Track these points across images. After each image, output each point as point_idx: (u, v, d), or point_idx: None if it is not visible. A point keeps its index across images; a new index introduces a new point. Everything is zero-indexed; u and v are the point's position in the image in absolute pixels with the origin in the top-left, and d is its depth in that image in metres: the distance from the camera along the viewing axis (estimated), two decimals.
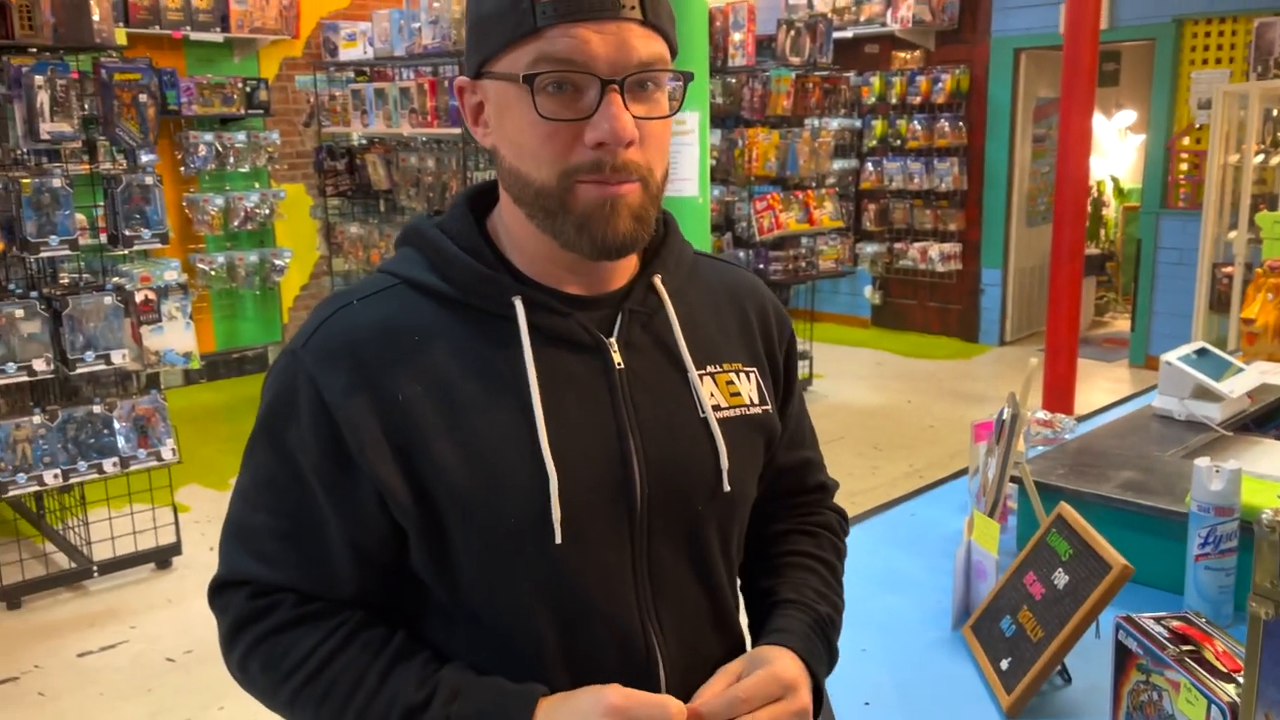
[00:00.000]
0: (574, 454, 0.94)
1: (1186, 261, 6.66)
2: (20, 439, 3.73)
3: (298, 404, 0.94)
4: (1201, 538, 1.48)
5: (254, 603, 0.96)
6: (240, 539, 0.98)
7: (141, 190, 3.90)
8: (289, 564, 0.96)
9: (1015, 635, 1.39)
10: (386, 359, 0.93)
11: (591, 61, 0.88)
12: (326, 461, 0.93)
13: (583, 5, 0.87)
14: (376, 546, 0.95)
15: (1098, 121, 8.30)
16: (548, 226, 0.94)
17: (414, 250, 1.01)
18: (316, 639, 0.94)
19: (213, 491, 5.06)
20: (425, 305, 0.97)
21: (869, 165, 8.26)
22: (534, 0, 0.88)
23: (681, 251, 1.08)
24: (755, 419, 1.07)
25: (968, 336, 8.18)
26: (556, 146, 0.90)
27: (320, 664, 0.92)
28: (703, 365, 1.03)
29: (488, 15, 0.92)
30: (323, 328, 0.96)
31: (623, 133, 0.89)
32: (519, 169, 0.93)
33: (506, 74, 0.91)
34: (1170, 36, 6.74)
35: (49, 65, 3.64)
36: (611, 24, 0.88)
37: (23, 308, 3.67)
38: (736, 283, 1.13)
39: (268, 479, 0.97)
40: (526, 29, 0.89)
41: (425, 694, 0.91)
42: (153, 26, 6.33)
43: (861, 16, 8.08)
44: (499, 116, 0.95)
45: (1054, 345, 5.35)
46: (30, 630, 3.73)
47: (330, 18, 7.21)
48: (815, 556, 1.17)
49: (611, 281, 1.02)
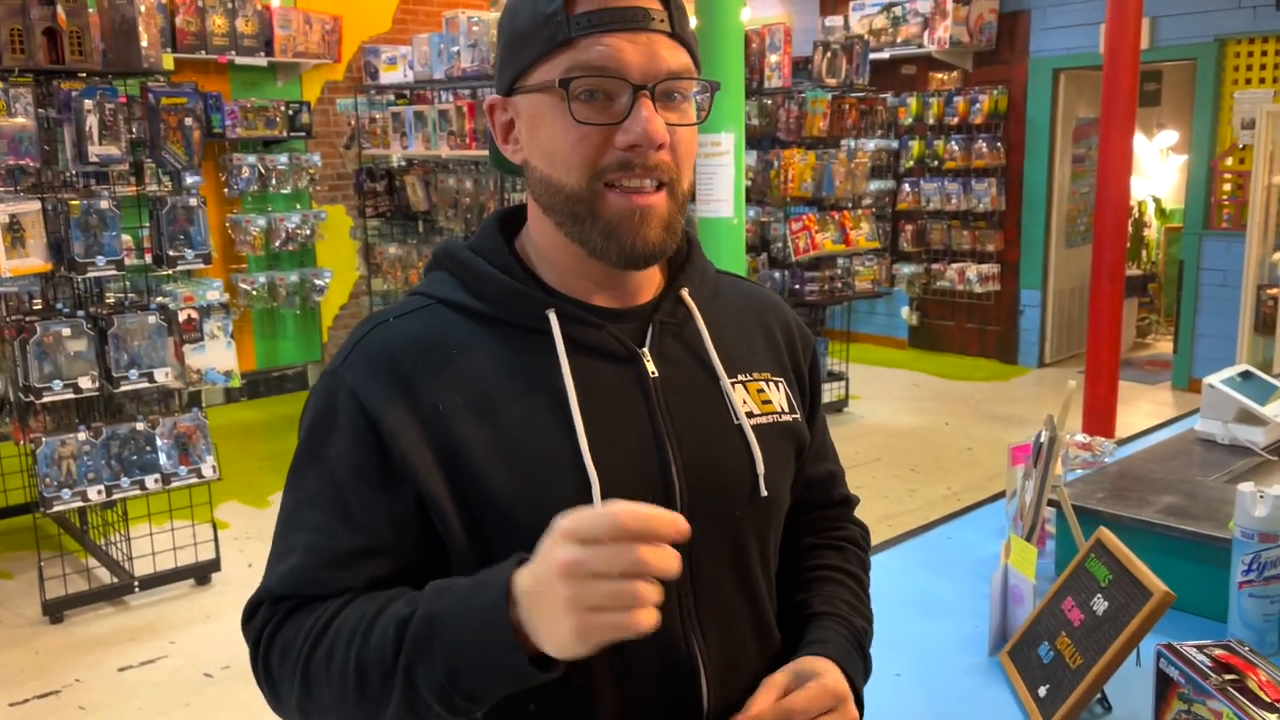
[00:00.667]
0: (614, 462, 0.95)
1: (1230, 283, 6.57)
2: (65, 455, 3.80)
3: (337, 417, 0.95)
4: (1245, 564, 1.45)
5: (277, 607, 0.96)
6: (276, 560, 0.98)
7: (186, 211, 3.98)
8: (319, 576, 0.94)
9: (1053, 662, 1.37)
10: (425, 371, 0.95)
11: (624, 68, 0.91)
12: (367, 468, 0.93)
13: (615, 16, 0.91)
14: (412, 555, 0.95)
15: (1139, 142, 8.22)
16: (576, 234, 0.96)
17: (445, 273, 1.03)
18: (321, 609, 0.92)
19: (251, 509, 5.12)
20: (460, 322, 0.99)
21: (906, 186, 8.23)
22: (568, 13, 0.92)
23: (705, 267, 1.11)
24: (787, 426, 1.08)
25: (1006, 358, 8.11)
26: (588, 150, 0.93)
27: (325, 623, 0.90)
28: (734, 374, 1.05)
29: (521, 31, 0.95)
30: (360, 345, 0.98)
31: (655, 134, 0.92)
32: (550, 176, 0.95)
33: (540, 84, 0.94)
34: (1212, 56, 6.66)
35: (98, 90, 3.72)
36: (642, 35, 0.92)
37: (70, 326, 3.74)
38: (759, 298, 1.16)
39: (310, 496, 0.96)
40: (560, 40, 0.92)
41: (411, 606, 0.87)
42: (199, 51, 6.46)
43: (898, 38, 8.08)
44: (531, 129, 0.97)
45: (1094, 367, 5.29)
46: (72, 644, 3.78)
47: (371, 42, 7.32)
48: (844, 571, 1.17)
49: (639, 295, 1.04)
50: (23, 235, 3.66)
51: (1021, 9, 7.61)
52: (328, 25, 7.07)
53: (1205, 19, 6.66)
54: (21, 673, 3.58)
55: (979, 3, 7.62)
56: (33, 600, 4.02)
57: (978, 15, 7.63)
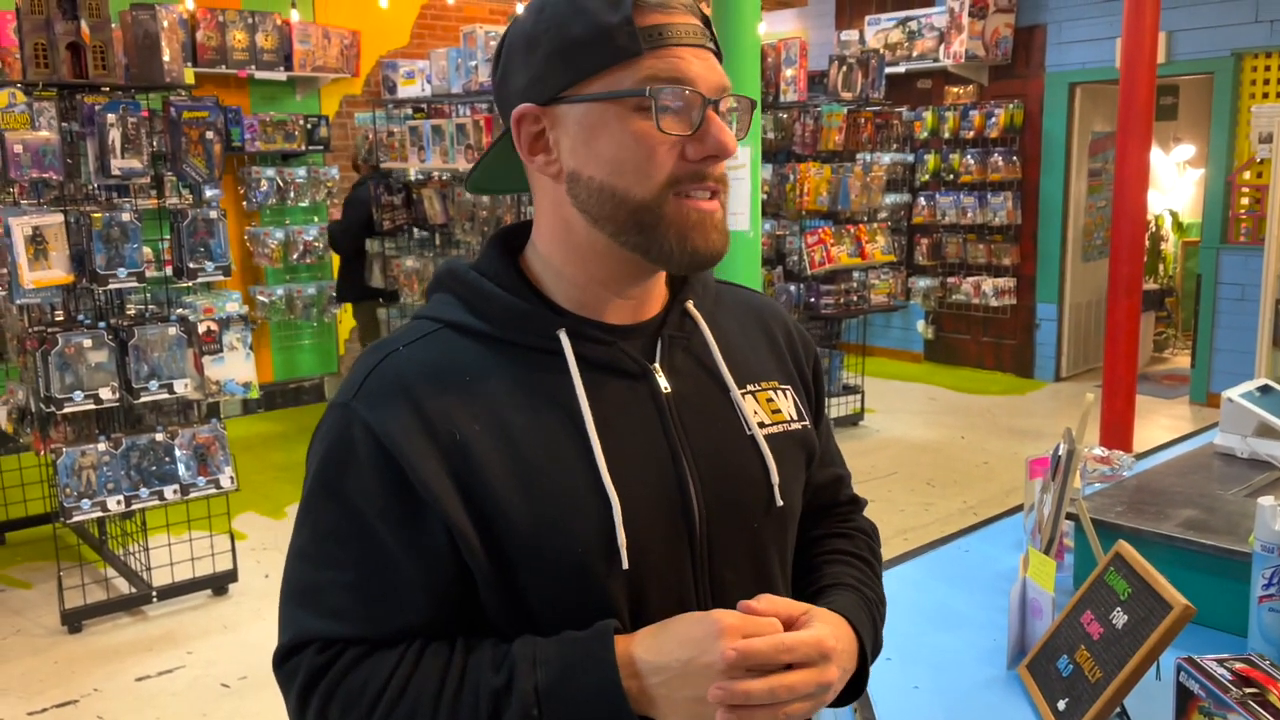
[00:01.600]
0: (632, 479, 0.95)
1: (1249, 297, 6.54)
2: (85, 465, 3.83)
3: (355, 452, 0.93)
4: (1265, 578, 1.45)
5: (322, 656, 0.93)
6: (304, 601, 0.95)
7: (206, 224, 4.01)
8: (360, 615, 0.93)
9: (1073, 675, 1.37)
10: (441, 400, 0.93)
11: (698, 81, 0.94)
12: (393, 503, 0.92)
13: (680, 32, 0.94)
14: (449, 583, 0.94)
15: (1155, 156, 8.20)
16: (639, 243, 0.95)
17: (448, 294, 1.02)
18: (391, 665, 0.91)
19: (269, 519, 5.14)
20: (470, 346, 0.98)
21: (921, 199, 8.23)
22: (636, 26, 0.92)
23: (706, 278, 1.12)
24: (797, 434, 1.08)
25: (1022, 372, 8.08)
26: (665, 160, 0.94)
27: (401, 686, 0.90)
28: (743, 384, 1.06)
29: (577, 40, 0.93)
30: (372, 375, 0.96)
31: (730, 145, 0.95)
32: (615, 186, 0.94)
33: (606, 93, 0.93)
34: (1229, 70, 6.65)
35: (121, 104, 3.76)
36: (700, 51, 0.96)
37: (91, 338, 3.78)
38: (758, 305, 1.17)
39: (329, 532, 0.94)
40: (631, 52, 0.92)
41: (505, 674, 0.89)
42: (219, 66, 6.53)
43: (914, 52, 8.09)
44: (587, 139, 0.95)
45: (1111, 381, 5.26)
46: (90, 654, 3.80)
47: (389, 56, 7.37)
48: (852, 554, 1.16)
49: (646, 310, 1.04)
50: (45, 248, 3.70)
51: (1037, 23, 7.62)
52: (346, 40, 7.13)
53: (1221, 33, 6.65)
54: (40, 682, 3.60)
55: (995, 17, 7.63)
56: (52, 610, 4.04)
57: (993, 30, 7.63)
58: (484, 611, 0.96)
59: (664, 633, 0.90)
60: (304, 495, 0.97)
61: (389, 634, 0.93)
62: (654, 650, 0.89)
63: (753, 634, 0.88)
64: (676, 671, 0.87)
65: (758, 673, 0.87)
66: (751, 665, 0.87)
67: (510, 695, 0.88)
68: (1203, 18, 6.71)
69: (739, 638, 0.87)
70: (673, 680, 0.87)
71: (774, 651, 0.88)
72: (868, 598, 1.09)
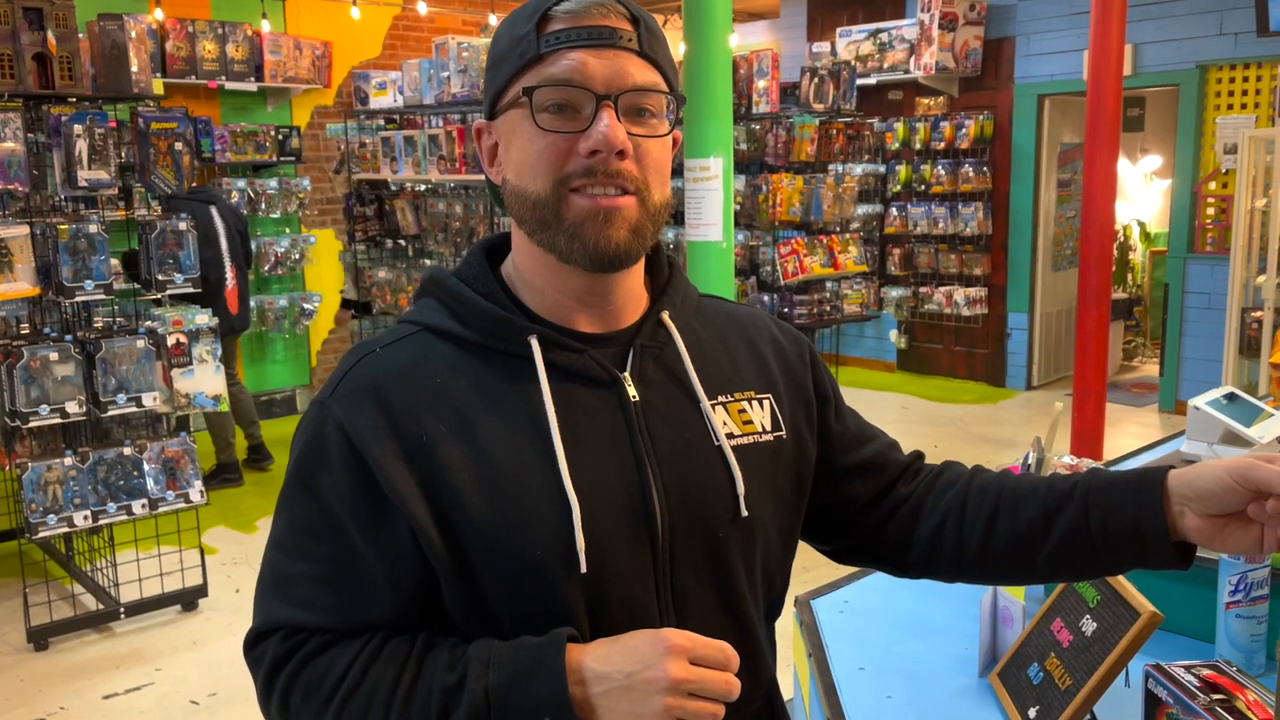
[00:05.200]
0: (595, 485, 0.96)
1: (1215, 306, 6.62)
2: (51, 480, 3.78)
3: (328, 450, 0.97)
4: (1232, 585, 1.46)
5: (287, 643, 0.97)
6: (277, 589, 0.99)
7: (175, 235, 3.97)
8: (327, 607, 0.97)
9: (1043, 683, 1.38)
10: (410, 401, 0.97)
11: (588, 80, 0.95)
12: (361, 502, 0.95)
13: (583, 34, 0.96)
14: (414, 581, 0.97)
15: (1123, 166, 8.30)
16: (546, 240, 0.98)
17: (433, 299, 1.05)
18: (351, 655, 0.95)
19: (239, 534, 5.09)
20: (446, 349, 1.01)
21: (893, 210, 8.29)
22: (539, 32, 0.96)
23: (687, 290, 1.13)
24: (768, 445, 1.08)
25: (994, 381, 8.14)
26: (552, 156, 0.96)
27: (359, 676, 0.94)
28: (714, 395, 1.06)
29: (500, 54, 1.00)
30: (348, 376, 1.00)
31: (614, 140, 0.94)
32: (520, 186, 0.99)
33: (512, 100, 0.99)
34: (1194, 82, 6.75)
35: (88, 114, 3.73)
36: (609, 51, 0.96)
37: (57, 351, 3.73)
38: (742, 316, 1.17)
39: (303, 526, 0.98)
40: (530, 57, 0.96)
41: (458, 674, 0.92)
42: (189, 77, 6.48)
43: (885, 64, 8.15)
44: (506, 145, 1.01)
45: (1081, 390, 5.32)
46: (57, 671, 3.74)
47: (361, 67, 7.35)
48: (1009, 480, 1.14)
49: (621, 319, 1.05)
50: (11, 260, 3.65)
51: (1006, 36, 7.70)
52: (318, 51, 7.10)
53: (1187, 45, 6.75)
54: (6, 701, 3.54)
55: (964, 30, 7.70)
56: (17, 627, 3.98)
57: (963, 42, 7.71)
58: (447, 610, 0.98)
59: (616, 645, 0.92)
60: (283, 486, 1.01)
61: (354, 627, 0.97)
62: (602, 660, 0.91)
63: (700, 656, 0.90)
64: (619, 683, 0.89)
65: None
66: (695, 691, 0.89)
67: (461, 694, 0.90)
68: (1168, 31, 6.81)
69: (685, 658, 0.89)
70: (614, 691, 0.89)
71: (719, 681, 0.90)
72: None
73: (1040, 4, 7.47)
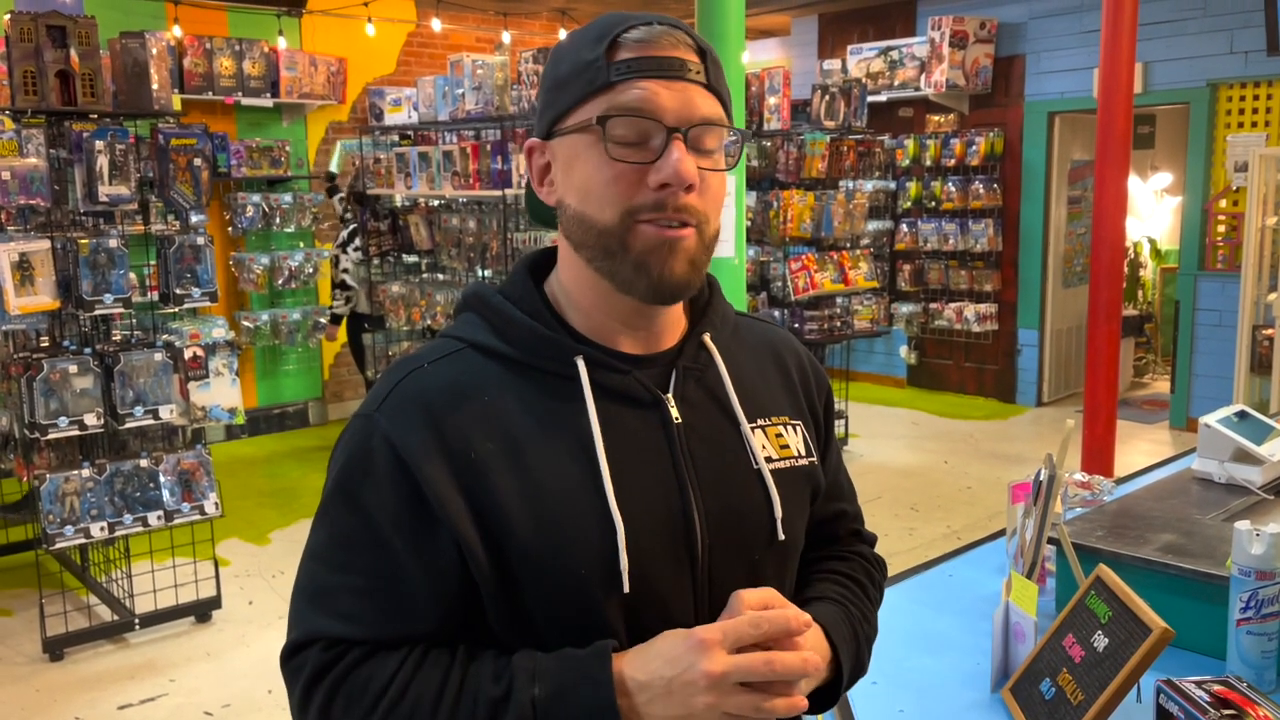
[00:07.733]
0: (638, 506, 0.97)
1: (1226, 323, 6.62)
2: (69, 492, 3.81)
3: (374, 464, 0.96)
4: (1243, 602, 1.47)
5: (328, 654, 0.96)
6: (317, 601, 0.98)
7: (193, 250, 4.02)
8: (369, 620, 0.96)
9: (1055, 698, 1.39)
10: (458, 418, 0.97)
11: (659, 111, 0.95)
12: (406, 516, 0.95)
13: (653, 64, 0.96)
14: (456, 595, 0.97)
15: (1133, 183, 8.31)
16: (606, 269, 0.98)
17: (475, 315, 1.05)
18: (394, 666, 0.95)
19: (253, 546, 5.12)
20: (491, 367, 1.01)
21: (904, 226, 8.31)
22: (609, 60, 0.96)
23: (726, 311, 1.14)
24: (803, 470, 1.10)
25: (1004, 397, 8.13)
26: (622, 187, 0.96)
27: (403, 687, 0.93)
28: (753, 419, 1.07)
29: (563, 77, 1.00)
30: (396, 390, 0.99)
31: (685, 174, 0.95)
32: (584, 213, 0.98)
33: (578, 125, 0.98)
34: (1205, 100, 6.76)
35: (109, 131, 3.78)
36: (678, 83, 0.96)
37: (76, 363, 3.77)
38: (775, 340, 1.18)
39: (344, 538, 0.98)
40: (600, 84, 0.96)
41: (504, 685, 0.92)
42: (206, 92, 6.55)
43: (895, 81, 8.19)
44: (567, 169, 1.00)
45: (1092, 406, 5.31)
46: (72, 682, 3.77)
47: (376, 84, 7.42)
48: (845, 574, 1.18)
49: (664, 340, 1.07)
50: (32, 273, 3.70)
51: (1016, 53, 7.73)
52: (333, 67, 7.17)
53: (1197, 64, 6.76)
54: (22, 711, 3.56)
55: (975, 47, 7.74)
56: (33, 638, 4.01)
57: (973, 60, 7.74)
58: (488, 623, 0.99)
59: (649, 650, 0.93)
60: (323, 499, 1.01)
61: (395, 639, 0.97)
62: (640, 668, 0.92)
63: (734, 643, 0.90)
64: (660, 690, 0.90)
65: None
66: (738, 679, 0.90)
67: (508, 705, 0.91)
68: (1179, 49, 6.83)
69: (720, 651, 0.90)
70: (657, 699, 0.90)
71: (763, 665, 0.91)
72: (851, 614, 1.11)
73: (1051, 22, 7.50)
